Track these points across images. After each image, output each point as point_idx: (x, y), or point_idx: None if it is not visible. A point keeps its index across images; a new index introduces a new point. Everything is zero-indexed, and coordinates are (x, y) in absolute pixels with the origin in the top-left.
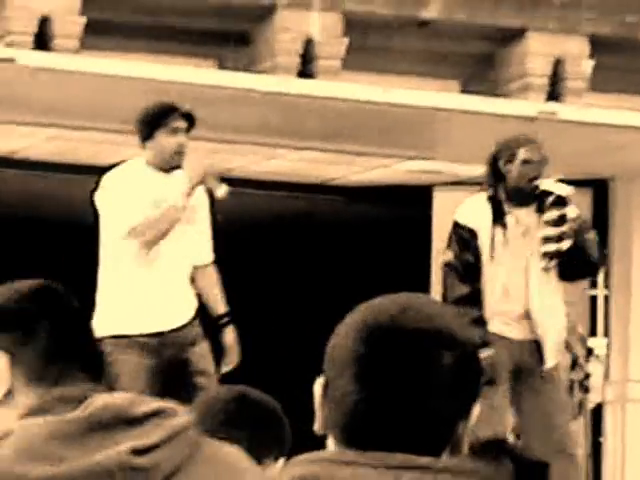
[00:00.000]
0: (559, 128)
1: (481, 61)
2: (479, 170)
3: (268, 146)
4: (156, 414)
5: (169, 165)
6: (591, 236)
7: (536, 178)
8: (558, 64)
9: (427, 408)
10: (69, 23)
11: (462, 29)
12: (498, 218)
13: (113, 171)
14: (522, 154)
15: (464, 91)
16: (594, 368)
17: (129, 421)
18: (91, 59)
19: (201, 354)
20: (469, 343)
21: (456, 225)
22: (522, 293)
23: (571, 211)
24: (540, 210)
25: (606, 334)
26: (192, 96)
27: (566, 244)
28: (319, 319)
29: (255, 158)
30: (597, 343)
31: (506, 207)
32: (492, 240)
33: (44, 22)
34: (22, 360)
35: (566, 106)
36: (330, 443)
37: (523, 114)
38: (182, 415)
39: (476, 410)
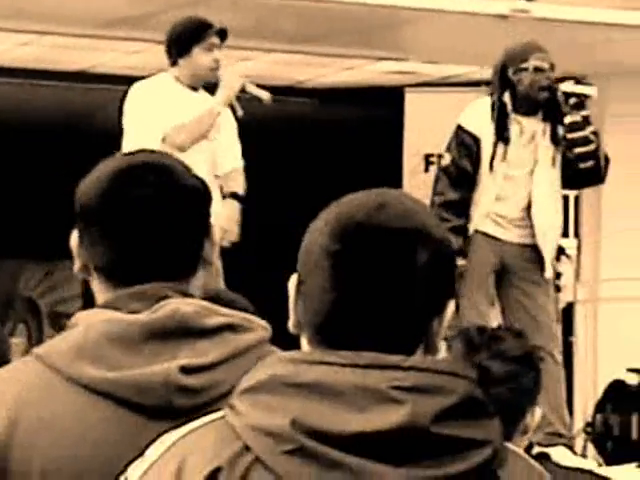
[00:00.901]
0: (532, 26)
1: None
2: (451, 70)
3: (240, 49)
4: (229, 328)
5: (203, 81)
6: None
7: (547, 86)
8: None
9: (400, 306)
10: None
11: None
12: (502, 128)
13: (141, 82)
14: (534, 62)
15: None
16: (565, 268)
17: (196, 333)
18: None
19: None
20: (444, 240)
21: (459, 128)
22: (521, 199)
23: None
24: (552, 116)
25: (577, 234)
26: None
27: (592, 146)
28: (290, 219)
29: (227, 61)
30: (568, 243)
31: (512, 115)
32: (494, 150)
33: None
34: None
35: (538, 4)
36: (303, 342)
37: (495, 12)
38: (257, 330)
39: (450, 308)
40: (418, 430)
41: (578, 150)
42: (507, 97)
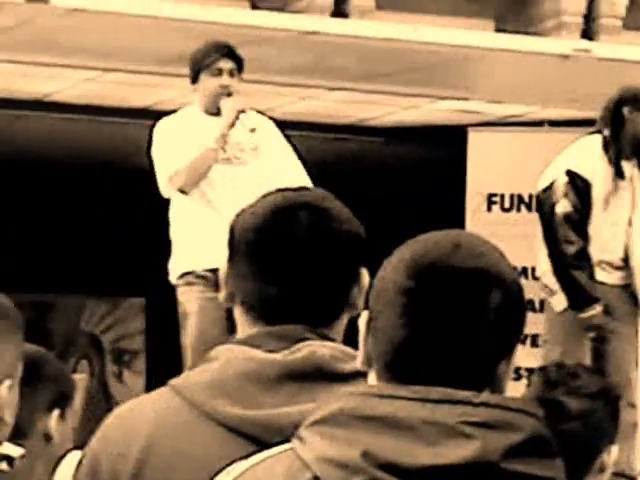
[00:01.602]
0: (593, 66)
1: None
2: (513, 109)
3: (301, 86)
4: (365, 374)
5: (215, 107)
6: None
7: None
8: (592, 2)
9: (470, 346)
10: None
11: None
12: (615, 168)
13: (165, 118)
14: None
15: (498, 30)
16: None
17: (333, 377)
18: (124, 0)
19: None
20: (516, 282)
21: (570, 174)
22: (621, 242)
23: None
24: None
25: None
26: (227, 37)
27: None
28: None
29: (289, 99)
30: None
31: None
32: (608, 191)
33: None
34: None
35: (600, 44)
36: (371, 377)
37: (557, 52)
38: None
39: (518, 350)
40: (488, 465)
41: None
42: (619, 135)
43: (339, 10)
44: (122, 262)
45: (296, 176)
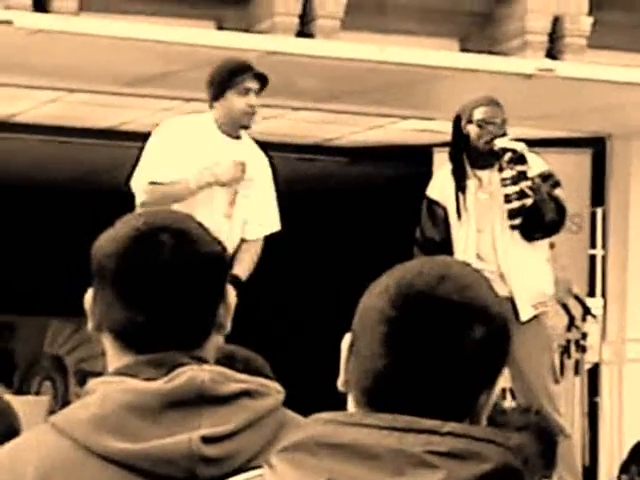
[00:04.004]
0: (557, 85)
1: (480, 19)
2: None
3: (266, 106)
4: (246, 394)
5: (237, 125)
6: (556, 193)
7: (492, 139)
8: (557, 21)
9: (449, 379)
10: None
11: None
12: (460, 185)
13: (179, 117)
14: (478, 114)
15: (463, 49)
16: (591, 328)
17: (214, 400)
18: (89, 20)
19: None
20: (501, 316)
21: (425, 198)
22: (492, 253)
23: (533, 167)
24: (500, 169)
25: (603, 294)
26: (192, 57)
27: (529, 201)
28: (320, 278)
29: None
30: (594, 303)
31: (469, 170)
32: (457, 208)
33: None
34: None
35: (564, 63)
36: (349, 401)
37: (521, 71)
38: (273, 394)
39: (500, 383)
40: None
41: (509, 206)
42: (465, 150)
43: (304, 30)
44: (86, 283)
45: (273, 220)
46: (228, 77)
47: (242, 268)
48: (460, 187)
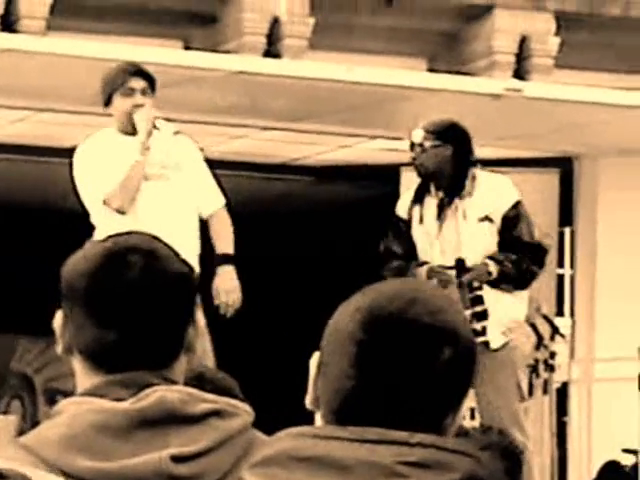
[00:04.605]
0: (525, 105)
1: (447, 38)
2: None
3: (233, 126)
4: (215, 414)
5: (130, 126)
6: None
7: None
8: (524, 41)
9: (416, 400)
10: (35, 4)
11: (428, 6)
12: (417, 200)
13: (82, 144)
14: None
15: (430, 69)
16: (560, 347)
17: (183, 420)
18: (56, 40)
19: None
20: (469, 339)
21: (392, 215)
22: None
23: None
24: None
25: (572, 313)
26: (158, 76)
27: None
28: (287, 298)
29: (221, 138)
30: (563, 322)
31: (433, 190)
32: (409, 212)
33: (9, 3)
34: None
35: (532, 83)
36: (317, 421)
37: (489, 91)
38: (242, 415)
39: (466, 402)
40: None
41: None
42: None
43: (271, 50)
44: (55, 301)
45: (214, 194)
46: (111, 81)
47: (224, 243)
48: (418, 199)
